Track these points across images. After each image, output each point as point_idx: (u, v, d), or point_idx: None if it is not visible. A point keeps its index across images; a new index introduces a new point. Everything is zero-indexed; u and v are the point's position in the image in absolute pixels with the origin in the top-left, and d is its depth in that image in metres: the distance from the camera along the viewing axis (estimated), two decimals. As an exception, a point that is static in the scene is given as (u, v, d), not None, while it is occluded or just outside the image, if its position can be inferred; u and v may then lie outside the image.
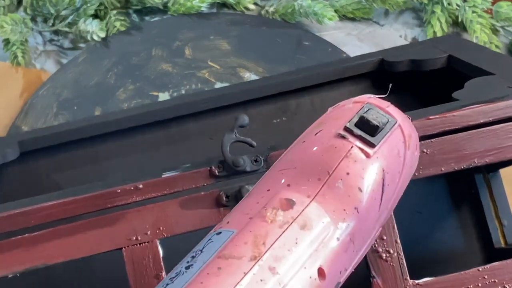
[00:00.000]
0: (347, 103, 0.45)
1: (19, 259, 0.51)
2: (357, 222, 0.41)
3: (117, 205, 0.51)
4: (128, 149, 0.71)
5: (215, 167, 0.52)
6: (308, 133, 0.44)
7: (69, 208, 0.51)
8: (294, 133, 0.72)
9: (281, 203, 0.40)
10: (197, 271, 0.38)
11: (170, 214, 0.51)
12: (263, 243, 0.38)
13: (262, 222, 0.39)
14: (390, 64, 0.69)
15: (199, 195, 0.51)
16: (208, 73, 0.84)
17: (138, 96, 0.83)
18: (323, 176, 0.41)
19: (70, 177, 0.71)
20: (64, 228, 0.51)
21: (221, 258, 0.38)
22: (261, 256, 0.38)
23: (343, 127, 0.42)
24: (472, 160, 0.52)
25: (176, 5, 0.88)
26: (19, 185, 0.71)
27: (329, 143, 0.42)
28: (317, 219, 0.40)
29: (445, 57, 0.67)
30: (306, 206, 0.40)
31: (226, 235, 0.40)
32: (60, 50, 0.89)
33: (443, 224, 0.71)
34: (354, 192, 0.41)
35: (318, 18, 0.86)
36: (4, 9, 0.90)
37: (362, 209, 0.41)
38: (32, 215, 0.51)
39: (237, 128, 0.51)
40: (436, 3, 0.86)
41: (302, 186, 0.41)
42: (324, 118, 0.45)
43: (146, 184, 0.51)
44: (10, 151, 0.67)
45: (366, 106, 0.43)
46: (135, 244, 0.51)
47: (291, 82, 0.70)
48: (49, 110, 0.83)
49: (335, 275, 0.40)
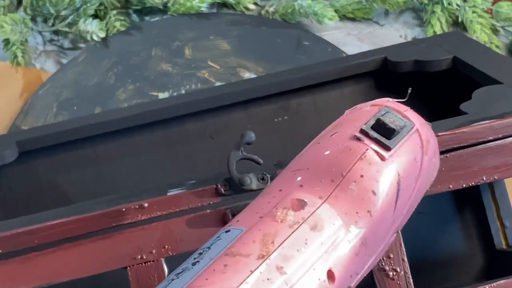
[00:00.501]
0: (364, 105, 0.44)
1: (24, 278, 0.50)
2: (370, 226, 0.40)
3: (122, 224, 0.51)
4: (128, 148, 0.71)
5: (221, 185, 0.51)
6: (324, 135, 0.44)
7: (74, 227, 0.51)
8: (295, 133, 0.72)
9: (293, 203, 0.40)
10: (203, 267, 0.37)
11: (175, 232, 0.51)
12: (271, 242, 0.38)
13: (272, 222, 0.39)
14: (394, 64, 0.68)
15: (205, 213, 0.51)
16: (208, 73, 0.84)
17: (138, 96, 0.83)
18: (337, 177, 0.41)
19: (69, 177, 0.71)
20: (69, 247, 0.51)
21: (228, 255, 0.38)
22: (269, 255, 0.37)
23: (359, 129, 0.42)
24: (481, 178, 0.52)
25: (176, 5, 0.88)
26: (18, 185, 0.71)
27: (344, 144, 0.42)
28: (328, 221, 0.39)
29: (450, 59, 0.66)
30: (318, 207, 0.40)
31: (235, 233, 0.39)
32: (60, 50, 0.89)
33: (445, 225, 0.71)
34: (368, 195, 0.40)
35: (318, 18, 0.86)
36: (4, 9, 0.89)
37: (375, 213, 0.40)
38: (37, 234, 0.50)
39: (244, 145, 0.50)
40: (436, 3, 0.86)
41: (315, 187, 0.41)
42: (340, 120, 0.44)
43: (151, 203, 0.51)
44: (9, 152, 0.67)
45: (384, 109, 0.42)
46: (140, 263, 0.51)
47: (293, 81, 0.70)
48: (49, 110, 0.82)
49: (346, 279, 0.40)
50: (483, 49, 0.68)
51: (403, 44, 0.74)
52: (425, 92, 0.72)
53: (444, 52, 0.67)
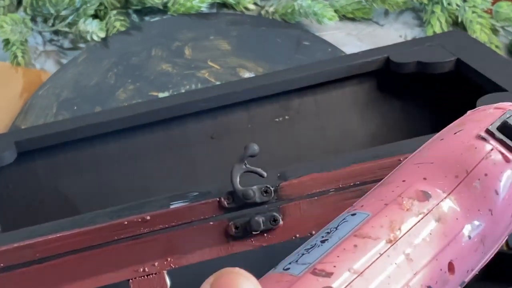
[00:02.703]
0: (487, 108, 0.45)
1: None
2: (489, 224, 0.41)
3: (124, 237, 0.50)
4: (128, 148, 0.71)
5: (224, 199, 0.51)
6: (447, 132, 0.45)
7: (76, 241, 0.50)
8: (296, 132, 0.72)
9: (417, 194, 0.41)
10: (333, 245, 0.39)
11: (177, 245, 0.51)
12: (398, 228, 0.39)
13: (398, 209, 0.40)
14: (396, 65, 0.68)
15: (207, 225, 0.51)
16: (208, 73, 0.84)
17: (138, 96, 0.83)
18: (461, 174, 0.41)
19: (69, 176, 0.71)
20: (70, 260, 0.50)
21: (357, 236, 0.39)
22: (396, 241, 0.38)
23: (485, 129, 0.43)
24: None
25: (176, 5, 0.88)
26: (17, 186, 0.70)
27: (469, 142, 0.42)
28: (451, 215, 0.40)
29: (453, 61, 0.66)
30: (442, 200, 0.41)
31: (361, 216, 0.40)
32: (60, 50, 0.89)
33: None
34: (490, 194, 0.41)
35: (318, 18, 0.86)
36: (4, 9, 0.90)
37: (496, 212, 0.41)
38: (38, 247, 0.50)
39: (247, 158, 0.50)
40: (436, 3, 0.86)
41: (439, 181, 0.41)
42: (464, 120, 0.45)
43: (154, 216, 0.50)
44: (8, 154, 0.66)
45: (508, 113, 0.43)
46: (142, 276, 0.50)
47: (294, 81, 0.69)
48: (49, 110, 0.82)
49: (463, 273, 0.40)
50: (487, 51, 0.68)
51: (406, 42, 0.73)
52: (427, 93, 0.72)
53: (448, 54, 0.67)
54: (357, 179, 0.51)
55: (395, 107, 0.72)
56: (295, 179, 0.51)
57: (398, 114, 0.72)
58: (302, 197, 0.51)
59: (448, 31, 0.84)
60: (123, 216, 0.51)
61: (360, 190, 0.51)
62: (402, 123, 0.72)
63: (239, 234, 0.50)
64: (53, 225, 0.52)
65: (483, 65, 0.64)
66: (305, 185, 0.51)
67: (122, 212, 0.51)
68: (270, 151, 0.71)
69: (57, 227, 0.51)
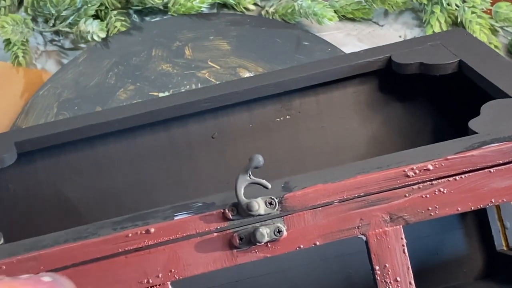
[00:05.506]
0: None
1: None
2: None
3: (128, 249, 0.50)
4: (128, 148, 0.71)
5: (229, 210, 0.51)
6: None
7: (79, 253, 0.50)
8: (297, 132, 0.72)
9: None
10: None
11: (182, 256, 0.51)
12: None
13: None
14: (399, 65, 0.68)
15: (212, 237, 0.51)
16: (208, 73, 0.84)
17: (139, 96, 0.83)
18: None
19: (69, 176, 0.71)
20: (74, 272, 0.50)
21: None
22: None
23: None
24: (490, 200, 0.52)
25: (177, 6, 0.88)
26: (17, 187, 0.70)
27: None
28: None
29: (456, 63, 0.66)
30: None
31: None
32: (61, 50, 0.89)
33: (445, 226, 0.71)
34: None
35: (318, 18, 0.86)
36: (5, 9, 0.90)
37: None
38: (41, 260, 0.50)
39: (252, 169, 0.49)
40: (436, 4, 0.86)
41: None
42: None
43: (158, 228, 0.50)
44: (7, 156, 0.66)
45: None
46: (146, 287, 0.50)
47: (296, 81, 0.69)
48: (49, 110, 0.83)
49: None
50: (489, 52, 0.67)
51: (408, 41, 0.72)
52: (429, 94, 0.72)
53: (450, 55, 0.67)
54: (361, 190, 0.51)
55: (396, 107, 0.72)
56: (299, 190, 0.51)
57: (400, 114, 0.72)
58: (306, 208, 0.51)
59: (450, 30, 0.84)
60: (127, 228, 0.51)
61: (365, 201, 0.51)
62: (404, 123, 0.72)
63: (243, 245, 0.51)
64: (57, 236, 0.52)
65: (485, 67, 0.64)
66: (309, 197, 0.51)
67: (126, 223, 0.51)
68: (271, 151, 0.72)
69: (61, 238, 0.51)
